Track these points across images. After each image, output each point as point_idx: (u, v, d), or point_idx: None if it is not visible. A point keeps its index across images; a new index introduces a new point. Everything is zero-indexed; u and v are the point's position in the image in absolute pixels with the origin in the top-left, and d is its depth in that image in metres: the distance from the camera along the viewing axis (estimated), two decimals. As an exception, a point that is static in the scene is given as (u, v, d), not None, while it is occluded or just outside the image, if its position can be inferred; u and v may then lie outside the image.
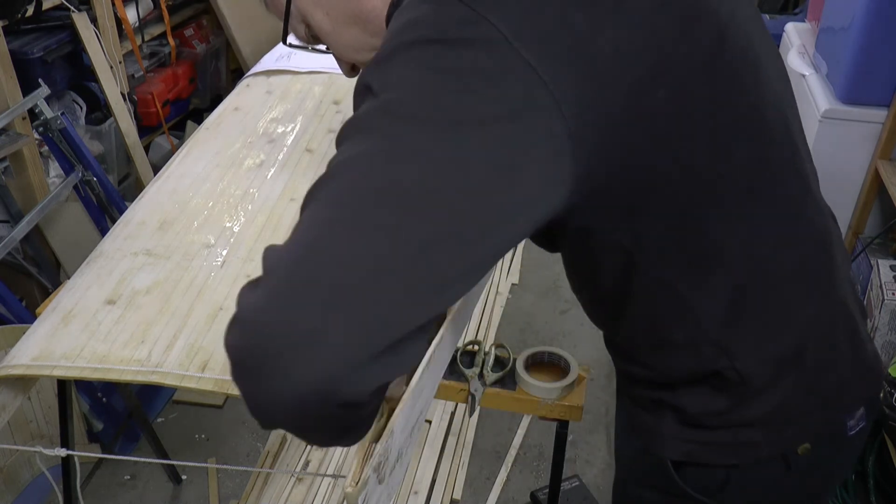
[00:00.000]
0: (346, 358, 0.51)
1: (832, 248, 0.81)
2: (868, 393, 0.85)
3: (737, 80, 0.69)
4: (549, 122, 0.58)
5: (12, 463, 1.84)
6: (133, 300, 1.05)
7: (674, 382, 0.79)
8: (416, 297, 0.54)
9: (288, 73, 1.72)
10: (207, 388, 0.92)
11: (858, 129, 1.88)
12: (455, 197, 0.55)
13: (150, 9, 2.69)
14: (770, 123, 0.73)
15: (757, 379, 0.76)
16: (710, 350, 0.75)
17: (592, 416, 2.15)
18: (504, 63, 0.57)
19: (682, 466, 0.81)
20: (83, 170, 2.02)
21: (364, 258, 0.53)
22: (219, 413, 2.20)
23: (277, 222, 1.20)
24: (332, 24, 0.79)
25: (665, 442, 0.81)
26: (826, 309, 0.80)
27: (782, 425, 0.78)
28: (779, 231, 0.75)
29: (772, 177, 0.73)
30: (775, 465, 0.80)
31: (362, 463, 0.81)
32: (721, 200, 0.70)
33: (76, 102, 2.41)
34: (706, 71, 0.66)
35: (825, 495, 0.95)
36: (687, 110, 0.65)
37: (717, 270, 0.72)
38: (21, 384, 1.05)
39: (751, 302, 0.74)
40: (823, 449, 0.81)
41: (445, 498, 1.91)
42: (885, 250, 1.87)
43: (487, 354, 1.19)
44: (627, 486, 0.94)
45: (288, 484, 1.90)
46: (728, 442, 0.78)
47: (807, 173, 0.78)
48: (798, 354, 0.77)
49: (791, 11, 3.41)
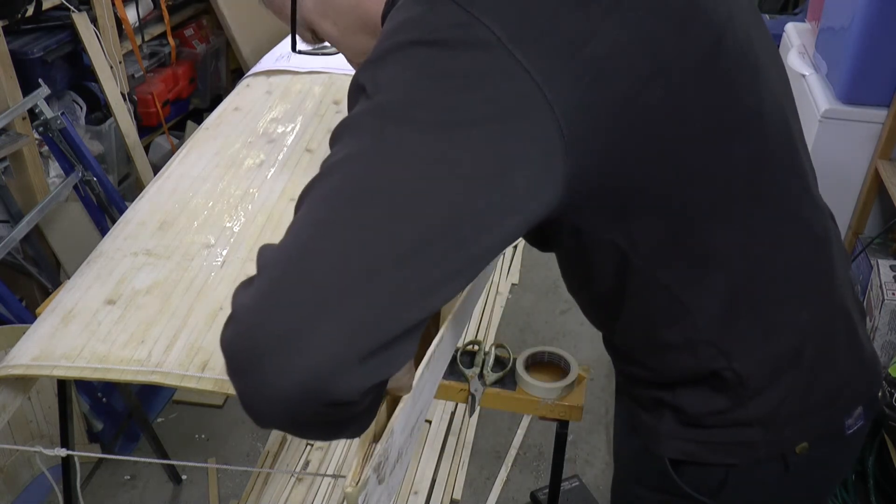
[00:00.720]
0: (332, 359, 0.51)
1: (831, 249, 0.81)
2: (866, 393, 0.85)
3: (735, 82, 0.69)
4: (541, 123, 0.58)
5: (12, 463, 1.84)
6: (133, 300, 1.05)
7: (673, 382, 0.79)
8: (407, 298, 0.53)
9: (288, 73, 1.72)
10: (207, 388, 0.92)
11: (858, 129, 1.88)
12: (446, 198, 0.55)
13: (150, 9, 2.69)
14: (769, 124, 0.73)
15: (755, 379, 0.76)
16: (707, 350, 0.75)
17: (592, 416, 2.15)
18: (497, 65, 0.57)
19: (680, 466, 0.81)
20: (83, 170, 2.02)
21: (353, 259, 0.53)
22: (219, 413, 2.20)
23: (277, 222, 1.20)
24: (340, 32, 0.79)
25: (664, 441, 0.81)
26: (824, 309, 0.80)
27: (781, 425, 0.78)
28: (777, 231, 0.75)
29: (770, 177, 0.73)
30: (774, 465, 0.80)
31: (362, 463, 0.81)
32: (717, 201, 0.70)
33: (76, 102, 2.41)
34: (703, 72, 0.66)
35: (825, 495, 0.95)
36: (682, 112, 0.65)
37: (714, 271, 0.72)
38: (21, 384, 1.05)
39: (748, 302, 0.74)
40: (822, 448, 0.81)
41: (445, 498, 1.91)
42: (885, 250, 1.87)
43: (487, 354, 1.19)
44: (626, 485, 0.94)
45: (288, 484, 1.90)
46: (726, 441, 0.79)
47: (806, 173, 0.78)
48: (796, 355, 0.77)
49: (791, 11, 3.41)
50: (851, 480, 1.79)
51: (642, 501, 0.89)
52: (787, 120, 0.76)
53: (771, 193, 0.74)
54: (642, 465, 0.87)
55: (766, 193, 0.73)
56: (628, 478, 0.93)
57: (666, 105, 0.63)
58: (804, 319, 0.78)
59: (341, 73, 1.72)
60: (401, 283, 0.53)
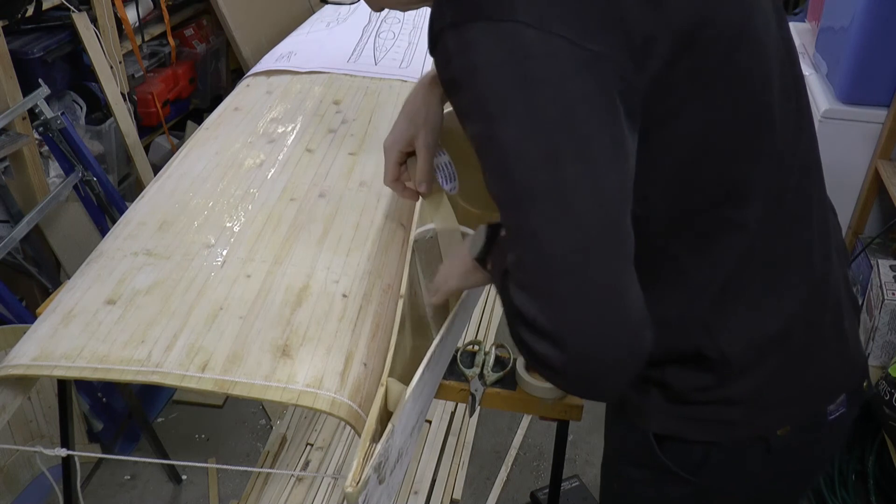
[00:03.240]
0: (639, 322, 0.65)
1: (829, 239, 0.84)
2: (850, 382, 0.87)
3: (760, 61, 0.73)
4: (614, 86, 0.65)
5: (12, 463, 1.84)
6: (133, 300, 1.05)
7: (661, 360, 0.81)
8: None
9: (288, 73, 1.72)
10: (207, 388, 0.92)
11: (858, 129, 1.88)
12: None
13: (150, 9, 2.69)
14: (785, 107, 0.76)
15: (739, 359, 0.79)
16: (695, 328, 0.78)
17: (592, 416, 2.14)
18: (575, 61, 0.63)
19: (664, 442, 0.84)
20: (83, 170, 2.03)
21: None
22: (219, 413, 2.20)
23: (277, 222, 1.20)
24: None
25: (648, 417, 0.84)
26: (815, 299, 0.82)
27: (762, 407, 0.81)
28: (784, 219, 0.78)
29: (780, 161, 0.77)
30: (756, 446, 0.83)
31: (362, 463, 0.81)
32: (739, 182, 0.74)
33: (76, 102, 2.41)
34: (735, 44, 0.70)
35: (807, 481, 0.97)
36: (713, 80, 0.69)
37: (720, 245, 0.75)
38: (21, 384, 1.05)
39: (743, 283, 0.77)
40: (804, 433, 0.84)
41: (445, 498, 1.91)
42: (885, 250, 1.87)
43: (488, 354, 1.19)
44: (613, 462, 0.97)
45: (288, 484, 1.90)
46: (708, 419, 0.81)
47: (815, 162, 0.82)
48: (782, 340, 0.80)
49: (791, 11, 3.40)
50: (851, 480, 1.79)
51: (628, 478, 0.92)
52: (801, 104, 0.80)
53: (783, 179, 0.77)
54: (629, 443, 0.90)
55: (777, 177, 0.76)
56: (615, 455, 0.96)
57: (697, 72, 0.68)
58: (794, 307, 0.80)
59: (341, 72, 1.72)
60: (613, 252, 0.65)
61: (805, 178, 0.81)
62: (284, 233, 1.18)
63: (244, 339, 0.98)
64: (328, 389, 0.92)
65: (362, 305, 1.06)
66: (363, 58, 1.79)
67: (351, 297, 1.06)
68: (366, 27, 1.95)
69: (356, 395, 0.93)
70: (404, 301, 1.03)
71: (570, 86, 0.63)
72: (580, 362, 0.64)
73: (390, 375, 0.93)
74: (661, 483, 0.87)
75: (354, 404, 0.92)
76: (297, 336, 0.99)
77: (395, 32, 1.92)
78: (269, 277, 1.08)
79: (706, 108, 0.70)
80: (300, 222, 1.20)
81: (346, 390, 0.93)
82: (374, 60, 1.78)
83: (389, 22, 1.97)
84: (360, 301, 1.06)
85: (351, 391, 0.93)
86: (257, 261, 1.12)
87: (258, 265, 1.11)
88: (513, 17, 0.62)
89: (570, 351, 0.63)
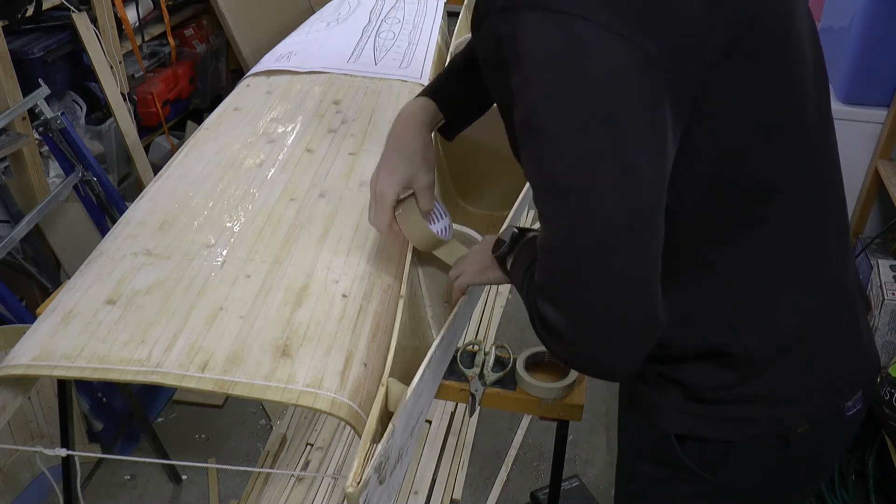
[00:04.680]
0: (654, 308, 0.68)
1: (846, 237, 0.86)
2: (865, 378, 0.88)
3: (800, 62, 0.75)
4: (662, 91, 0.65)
5: (12, 463, 1.84)
6: (133, 300, 1.05)
7: (680, 358, 0.81)
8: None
9: (288, 73, 1.72)
10: (207, 388, 0.92)
11: (858, 129, 1.88)
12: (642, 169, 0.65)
13: (150, 9, 2.69)
14: (817, 108, 0.78)
15: (761, 356, 0.79)
16: (720, 324, 0.78)
17: (592, 416, 2.15)
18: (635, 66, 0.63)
19: (683, 441, 0.84)
20: (83, 170, 2.02)
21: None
22: (219, 413, 2.20)
23: (277, 222, 1.20)
24: None
25: (667, 416, 0.84)
26: (833, 294, 0.83)
27: (783, 404, 0.81)
28: (808, 214, 0.78)
29: (809, 161, 0.78)
30: (775, 444, 0.83)
31: (363, 463, 0.81)
32: (774, 178, 0.75)
33: (76, 102, 2.41)
34: (780, 44, 0.71)
35: (821, 474, 0.98)
36: (756, 79, 0.70)
37: (747, 241, 0.76)
38: (21, 384, 1.05)
39: (770, 277, 0.78)
40: (822, 429, 0.84)
41: (445, 498, 1.91)
42: (885, 250, 1.87)
43: (487, 354, 1.19)
44: (630, 460, 0.96)
45: (288, 484, 1.90)
46: (729, 417, 0.81)
47: (838, 163, 0.83)
48: (803, 334, 0.80)
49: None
50: (851, 480, 1.79)
51: (645, 476, 0.92)
52: (824, 103, 0.83)
53: (815, 184, 0.79)
54: (645, 440, 0.89)
55: (803, 178, 0.77)
56: (631, 453, 0.95)
57: (742, 72, 0.69)
58: (813, 302, 0.81)
59: (341, 72, 1.72)
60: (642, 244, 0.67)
61: (830, 178, 0.82)
62: (284, 233, 1.18)
63: (244, 339, 0.98)
64: (328, 389, 0.92)
65: (362, 305, 1.05)
66: (363, 58, 1.79)
67: (351, 297, 1.06)
68: (366, 27, 1.95)
69: (356, 395, 0.93)
70: (404, 301, 1.03)
71: (621, 86, 0.62)
72: (595, 344, 0.69)
73: (390, 375, 0.93)
74: (677, 481, 0.86)
75: (354, 404, 0.92)
76: (297, 336, 0.99)
77: (395, 32, 1.92)
78: (269, 277, 1.08)
79: (747, 106, 0.70)
80: (300, 222, 1.20)
81: (346, 390, 0.93)
82: (374, 60, 1.78)
83: (389, 22, 1.97)
84: (360, 301, 1.06)
85: (351, 391, 0.93)
86: (257, 261, 1.12)
87: (258, 265, 1.11)
88: (571, 9, 0.62)
89: (587, 333, 0.68)
